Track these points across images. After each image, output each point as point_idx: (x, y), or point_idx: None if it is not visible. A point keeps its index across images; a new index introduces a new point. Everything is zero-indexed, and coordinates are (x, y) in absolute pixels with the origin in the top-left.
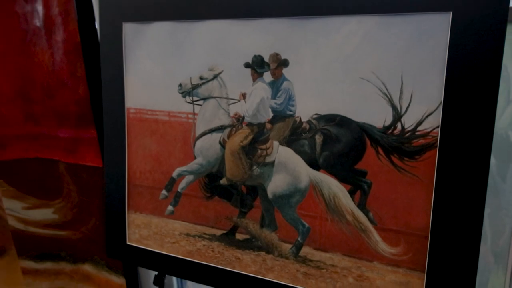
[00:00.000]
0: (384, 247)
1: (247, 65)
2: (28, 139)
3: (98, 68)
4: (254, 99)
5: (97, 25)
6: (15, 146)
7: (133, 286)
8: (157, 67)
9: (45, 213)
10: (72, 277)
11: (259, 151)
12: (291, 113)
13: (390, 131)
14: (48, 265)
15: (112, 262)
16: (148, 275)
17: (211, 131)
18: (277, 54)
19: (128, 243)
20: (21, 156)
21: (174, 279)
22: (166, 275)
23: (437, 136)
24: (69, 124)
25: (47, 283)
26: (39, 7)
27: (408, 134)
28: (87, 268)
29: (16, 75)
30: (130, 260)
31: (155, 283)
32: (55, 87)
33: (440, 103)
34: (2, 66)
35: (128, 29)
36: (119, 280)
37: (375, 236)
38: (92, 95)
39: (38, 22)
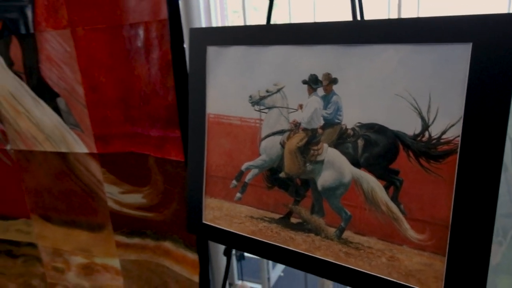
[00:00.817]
0: (412, 234)
1: (304, 82)
2: (126, 137)
3: (183, 80)
4: (309, 109)
5: (185, 46)
6: (116, 142)
7: (204, 261)
8: (232, 81)
9: (136, 198)
10: (154, 252)
11: (312, 151)
12: (338, 121)
13: (419, 138)
14: (136, 240)
15: (188, 240)
16: (217, 253)
17: (274, 134)
18: (328, 74)
19: (203, 221)
20: (120, 150)
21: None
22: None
23: (458, 143)
24: (159, 125)
25: (135, 255)
26: (141, 32)
27: (434, 141)
28: (168, 245)
29: (120, 85)
30: (204, 236)
31: (224, 254)
32: (150, 95)
33: (461, 117)
34: (109, 78)
35: (211, 51)
36: (193, 256)
37: (405, 224)
38: (178, 102)
39: (139, 43)
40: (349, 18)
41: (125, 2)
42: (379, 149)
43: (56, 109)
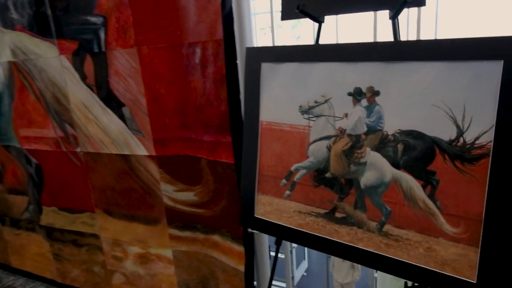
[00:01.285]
0: (448, 227)
1: (349, 94)
2: (181, 141)
3: (235, 92)
4: (354, 118)
5: (238, 62)
6: (172, 146)
7: (250, 253)
8: (284, 93)
9: (189, 195)
10: (203, 244)
11: (356, 154)
12: (380, 128)
13: (454, 143)
14: (187, 233)
15: (235, 234)
16: (261, 246)
17: (321, 139)
18: (372, 87)
19: (255, 215)
20: (175, 153)
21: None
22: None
23: (490, 148)
24: (212, 131)
25: (186, 246)
26: (198, 50)
27: (468, 146)
28: (216, 238)
29: (178, 96)
30: (256, 228)
31: (276, 243)
32: (204, 105)
33: (493, 125)
34: (169, 90)
35: (265, 67)
36: (239, 248)
37: (441, 219)
38: (230, 111)
39: (196, 59)
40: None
41: (185, 24)
42: (417, 153)
43: (121, 117)
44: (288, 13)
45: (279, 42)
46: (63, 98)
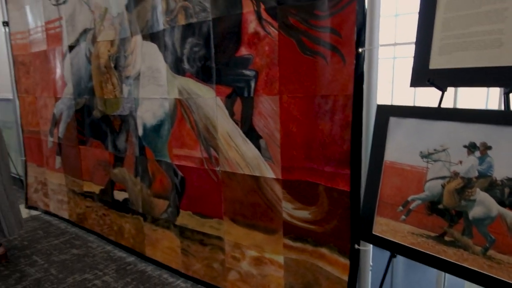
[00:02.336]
0: None
1: (464, 146)
2: (304, 170)
3: (358, 135)
4: (467, 165)
5: (363, 113)
6: (296, 172)
7: (354, 266)
8: (406, 141)
9: (304, 213)
10: (311, 254)
11: (467, 192)
12: (490, 174)
13: None
14: (298, 244)
15: (342, 249)
16: (364, 262)
17: (437, 178)
18: (485, 143)
19: (373, 233)
20: (298, 178)
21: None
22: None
23: None
24: (332, 164)
25: (296, 255)
26: (329, 101)
27: None
28: (324, 250)
29: (306, 134)
30: (373, 243)
31: (391, 256)
32: (329, 144)
33: None
34: (299, 129)
35: (392, 120)
36: (345, 261)
37: None
38: (352, 150)
39: (327, 108)
40: None
41: (321, 81)
42: None
43: (258, 146)
44: (417, 82)
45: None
46: (212, 129)
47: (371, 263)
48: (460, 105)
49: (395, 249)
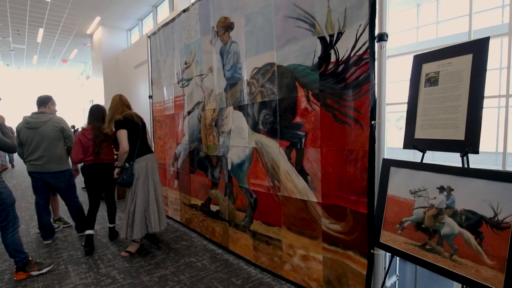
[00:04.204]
0: (488, 261)
1: (437, 188)
2: (336, 197)
3: (372, 175)
4: (439, 200)
5: (375, 163)
6: (331, 199)
7: (371, 264)
8: (401, 182)
9: (336, 227)
10: (341, 255)
11: (439, 217)
12: (453, 207)
13: (493, 219)
14: (332, 248)
15: (363, 252)
16: (378, 262)
17: (421, 207)
18: (449, 186)
19: (380, 241)
20: (333, 203)
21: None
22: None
23: (511, 224)
24: (356, 195)
25: (330, 255)
26: (354, 153)
27: (499, 221)
28: (350, 253)
29: (338, 174)
30: (381, 248)
31: (392, 256)
32: (353, 181)
33: None
34: (333, 170)
35: (392, 169)
36: (364, 261)
37: (484, 256)
38: (368, 185)
39: (351, 158)
40: None
41: (347, 140)
42: (473, 221)
43: (306, 180)
44: (407, 145)
45: (387, 133)
46: (276, 168)
47: (397, 273)
48: (436, 161)
49: (394, 252)
